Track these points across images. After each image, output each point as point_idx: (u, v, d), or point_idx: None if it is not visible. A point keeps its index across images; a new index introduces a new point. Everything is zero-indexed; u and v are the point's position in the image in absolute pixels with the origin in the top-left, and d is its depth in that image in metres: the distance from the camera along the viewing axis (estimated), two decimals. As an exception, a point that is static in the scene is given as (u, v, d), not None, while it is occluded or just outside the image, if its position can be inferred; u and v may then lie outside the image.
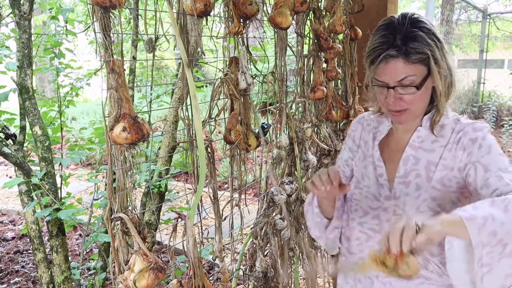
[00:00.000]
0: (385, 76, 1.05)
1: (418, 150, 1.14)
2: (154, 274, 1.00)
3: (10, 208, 4.57)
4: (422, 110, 1.12)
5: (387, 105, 1.09)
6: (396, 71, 1.02)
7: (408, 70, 1.02)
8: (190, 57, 1.28)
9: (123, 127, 0.99)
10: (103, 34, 0.98)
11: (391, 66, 1.03)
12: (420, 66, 1.03)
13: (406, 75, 1.02)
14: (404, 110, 1.08)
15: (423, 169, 1.11)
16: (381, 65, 1.04)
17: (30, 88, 1.93)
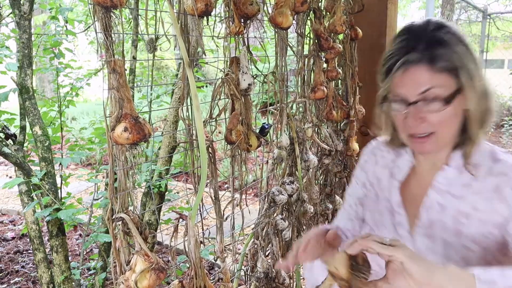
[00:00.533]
0: (403, 88, 0.85)
1: (444, 196, 0.91)
2: (155, 275, 1.00)
3: (10, 208, 4.57)
4: (450, 138, 0.89)
5: (406, 129, 0.88)
6: (418, 80, 0.83)
7: (433, 80, 0.82)
8: (190, 57, 1.28)
9: (125, 127, 0.99)
10: (104, 34, 0.98)
11: (412, 74, 0.83)
12: (448, 78, 0.83)
13: (431, 86, 0.82)
14: (429, 135, 0.86)
15: (451, 220, 0.89)
16: (399, 73, 0.84)
17: (30, 88, 1.93)
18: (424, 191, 0.94)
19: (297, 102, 1.80)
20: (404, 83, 0.85)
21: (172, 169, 2.63)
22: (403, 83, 0.85)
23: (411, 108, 0.85)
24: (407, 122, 0.87)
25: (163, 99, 2.76)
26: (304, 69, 1.79)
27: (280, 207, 1.65)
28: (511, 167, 0.86)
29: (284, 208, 1.69)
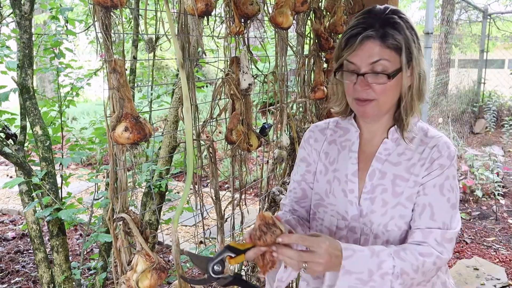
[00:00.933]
0: (357, 58, 1.00)
1: (384, 163, 1.07)
2: (156, 274, 1.00)
3: (11, 208, 4.57)
4: (388, 107, 1.05)
5: (353, 93, 1.03)
6: (371, 52, 0.98)
7: (382, 53, 0.98)
8: (191, 57, 1.28)
9: (125, 127, 0.99)
10: (104, 34, 0.98)
11: (366, 46, 0.98)
12: (394, 55, 0.99)
13: (380, 58, 0.98)
14: (371, 100, 1.01)
15: (390, 183, 1.05)
16: (356, 44, 0.99)
17: (31, 88, 1.93)
18: (368, 162, 1.10)
19: (297, 102, 1.80)
20: (358, 53, 0.99)
21: (173, 169, 2.63)
22: (357, 53, 0.99)
23: (360, 77, 1.00)
24: (356, 87, 1.01)
25: (163, 99, 2.77)
26: (304, 69, 1.79)
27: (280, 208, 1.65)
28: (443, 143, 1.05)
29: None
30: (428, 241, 0.99)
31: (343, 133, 1.17)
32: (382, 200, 1.05)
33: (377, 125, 1.10)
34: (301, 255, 0.91)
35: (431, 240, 0.99)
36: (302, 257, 0.91)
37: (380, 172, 1.07)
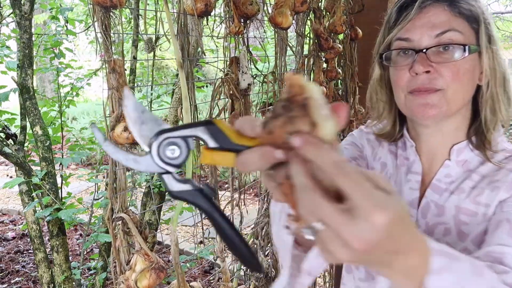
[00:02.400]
0: (416, 31, 0.71)
1: (443, 195, 0.75)
2: (155, 274, 1.00)
3: (11, 208, 4.58)
4: (459, 104, 0.72)
5: (409, 83, 0.72)
6: (434, 20, 0.70)
7: (451, 22, 0.69)
8: (190, 57, 1.28)
9: (124, 127, 0.99)
10: (103, 34, 0.98)
11: (429, 13, 0.70)
12: (468, 27, 0.71)
13: (449, 28, 0.69)
14: (436, 91, 0.70)
15: (452, 220, 0.73)
16: (412, 13, 0.71)
17: (31, 88, 1.93)
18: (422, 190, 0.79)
19: (297, 102, 1.80)
20: (417, 24, 0.71)
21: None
22: (415, 24, 0.71)
23: (420, 56, 0.70)
24: (414, 70, 0.70)
25: (163, 99, 2.77)
26: (303, 69, 1.79)
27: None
28: None
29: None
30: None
31: (403, 146, 0.84)
32: (446, 243, 0.64)
33: (438, 136, 0.78)
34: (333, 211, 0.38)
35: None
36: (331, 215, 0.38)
37: (437, 207, 0.75)
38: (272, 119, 0.41)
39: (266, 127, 0.42)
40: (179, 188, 0.44)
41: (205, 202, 0.45)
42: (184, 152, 0.44)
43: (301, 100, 0.40)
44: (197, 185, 0.45)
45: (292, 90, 0.41)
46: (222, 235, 0.45)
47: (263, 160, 0.41)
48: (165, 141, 0.43)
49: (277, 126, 0.41)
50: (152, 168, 0.44)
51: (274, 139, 0.41)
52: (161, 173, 0.44)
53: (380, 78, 0.82)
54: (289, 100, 0.41)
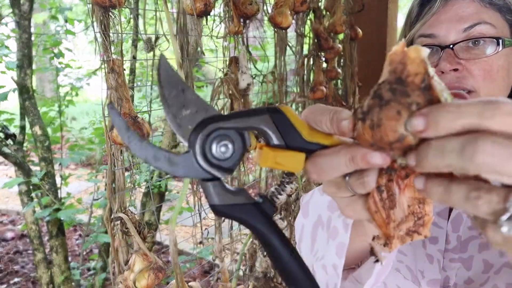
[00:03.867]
0: (441, 25, 0.63)
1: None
2: (154, 274, 1.00)
3: (10, 208, 4.57)
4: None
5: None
6: (462, 13, 0.62)
7: (481, 14, 0.62)
8: (189, 57, 1.27)
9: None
10: (102, 34, 0.98)
11: (455, 6, 0.63)
12: (501, 19, 0.63)
13: (478, 21, 0.61)
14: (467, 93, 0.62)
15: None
16: (437, 6, 0.64)
17: (30, 88, 1.93)
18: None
19: (296, 102, 1.79)
20: (441, 19, 0.63)
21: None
22: (440, 19, 0.63)
23: (446, 52, 0.62)
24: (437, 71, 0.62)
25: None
26: (303, 69, 1.79)
27: (279, 207, 1.65)
28: None
29: (282, 207, 1.69)
30: None
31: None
32: (483, 261, 0.62)
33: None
34: None
35: None
36: None
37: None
38: (376, 108, 0.29)
39: (367, 119, 0.30)
40: (227, 201, 0.33)
41: (262, 222, 0.33)
42: (238, 151, 0.32)
43: (419, 81, 0.29)
44: (252, 197, 0.34)
45: (402, 67, 0.29)
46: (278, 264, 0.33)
47: (353, 165, 0.31)
48: (213, 134, 0.31)
49: (388, 117, 0.29)
50: (193, 172, 0.32)
51: (379, 136, 0.29)
52: (206, 179, 0.32)
53: None
54: (401, 81, 0.29)
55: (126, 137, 0.32)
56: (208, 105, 0.32)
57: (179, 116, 0.32)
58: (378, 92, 0.30)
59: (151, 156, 0.32)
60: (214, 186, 0.32)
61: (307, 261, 0.59)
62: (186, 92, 0.32)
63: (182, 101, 0.32)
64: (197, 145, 0.31)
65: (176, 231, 1.24)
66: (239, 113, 0.32)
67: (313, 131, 0.33)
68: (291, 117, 0.32)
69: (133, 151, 0.32)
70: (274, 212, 0.34)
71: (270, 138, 0.32)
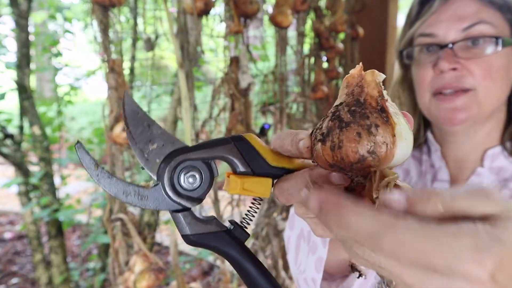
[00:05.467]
0: (440, 24, 0.63)
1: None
2: (154, 275, 0.99)
3: (9, 209, 4.56)
4: (492, 106, 0.64)
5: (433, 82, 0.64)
6: (461, 12, 0.62)
7: (481, 13, 0.61)
8: (190, 57, 1.27)
9: (123, 127, 0.98)
10: (102, 33, 0.97)
11: (455, 5, 0.62)
12: (501, 18, 0.62)
13: (478, 21, 0.61)
14: (465, 91, 0.62)
15: None
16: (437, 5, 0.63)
17: (29, 88, 1.92)
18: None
19: (297, 101, 1.79)
20: (441, 18, 0.63)
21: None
22: (440, 18, 0.63)
23: (445, 52, 0.61)
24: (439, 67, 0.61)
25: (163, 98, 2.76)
26: (304, 68, 1.78)
27: (280, 208, 1.65)
28: None
29: (284, 208, 1.68)
30: None
31: (428, 151, 0.75)
32: None
33: (468, 144, 0.68)
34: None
35: None
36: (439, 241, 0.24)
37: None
38: (336, 129, 0.30)
39: (327, 140, 0.30)
40: (199, 230, 0.33)
41: (234, 249, 0.33)
42: (206, 180, 0.33)
43: (376, 104, 0.30)
44: (224, 225, 0.34)
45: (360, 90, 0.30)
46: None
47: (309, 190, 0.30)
48: (180, 166, 0.32)
49: (348, 139, 0.29)
50: (163, 204, 0.32)
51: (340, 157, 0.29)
52: (176, 210, 0.33)
53: (402, 80, 0.73)
54: (359, 104, 0.30)
55: (95, 176, 0.33)
56: (175, 138, 0.33)
57: (147, 151, 0.33)
58: (336, 114, 0.31)
59: (121, 192, 0.33)
60: (185, 216, 0.33)
61: (293, 273, 0.60)
62: (152, 127, 0.33)
63: (149, 136, 0.33)
64: (165, 178, 0.32)
65: (176, 232, 1.23)
66: (204, 144, 0.33)
67: (279, 156, 0.33)
68: (255, 144, 0.33)
69: (103, 188, 0.33)
70: (246, 237, 0.34)
71: (236, 166, 0.33)
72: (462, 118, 0.63)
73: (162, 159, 0.32)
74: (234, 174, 0.33)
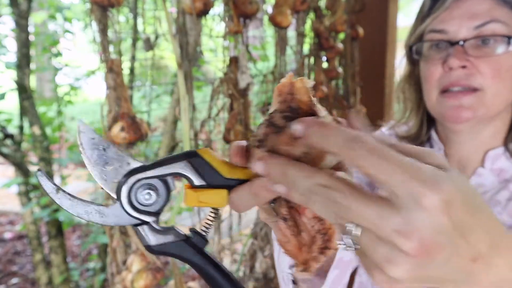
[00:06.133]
0: (452, 21, 0.62)
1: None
2: (152, 275, 0.99)
3: (9, 209, 4.56)
4: (499, 107, 0.63)
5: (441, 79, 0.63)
6: (474, 9, 0.61)
7: (494, 11, 0.61)
8: (189, 57, 1.27)
9: (122, 126, 0.98)
10: (101, 33, 0.97)
11: (467, 2, 0.62)
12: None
13: (490, 19, 0.61)
14: (472, 91, 0.61)
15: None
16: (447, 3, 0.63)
17: (29, 88, 1.92)
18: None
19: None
20: (453, 14, 0.62)
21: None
22: (452, 14, 0.62)
23: (456, 49, 0.61)
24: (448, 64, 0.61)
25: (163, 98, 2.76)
26: (304, 68, 1.78)
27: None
28: None
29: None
30: None
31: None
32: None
33: (472, 144, 0.68)
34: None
35: None
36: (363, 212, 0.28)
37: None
38: (271, 135, 0.32)
39: (264, 146, 0.32)
40: (159, 241, 0.36)
41: (195, 255, 0.36)
42: (163, 195, 0.35)
43: (307, 108, 0.32)
44: (183, 234, 0.37)
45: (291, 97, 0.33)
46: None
47: (258, 198, 0.33)
48: (137, 184, 0.34)
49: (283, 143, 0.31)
50: (123, 220, 0.35)
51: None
52: (136, 224, 0.35)
53: (409, 75, 0.73)
54: (291, 109, 0.32)
55: (57, 199, 0.35)
56: (131, 158, 0.36)
57: (105, 172, 0.35)
58: (271, 120, 0.33)
59: (83, 211, 0.35)
60: (144, 229, 0.36)
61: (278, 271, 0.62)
62: (107, 150, 0.35)
63: (105, 159, 0.35)
64: (123, 196, 0.35)
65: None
66: (160, 162, 0.35)
67: (233, 168, 0.35)
68: (209, 159, 0.35)
69: (66, 209, 0.35)
70: (205, 244, 0.37)
71: (191, 180, 0.35)
72: (467, 116, 0.62)
73: (119, 179, 0.35)
74: (190, 187, 0.35)
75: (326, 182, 0.28)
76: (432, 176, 0.26)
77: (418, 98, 0.73)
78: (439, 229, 0.26)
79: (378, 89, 2.07)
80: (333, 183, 0.28)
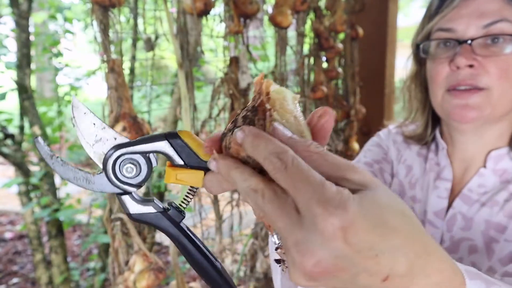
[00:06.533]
0: (461, 20, 0.62)
1: (473, 206, 0.65)
2: (154, 275, 0.99)
3: (9, 209, 4.56)
4: (506, 108, 0.63)
5: (448, 79, 0.63)
6: (483, 8, 0.61)
7: (504, 10, 0.60)
8: (189, 57, 1.27)
9: (123, 126, 0.98)
10: (102, 33, 0.97)
11: (476, 1, 0.62)
12: None
13: (500, 18, 0.60)
14: (479, 90, 0.61)
15: (480, 237, 0.63)
16: (456, 2, 0.62)
17: (29, 88, 1.92)
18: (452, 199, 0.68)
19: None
20: (462, 13, 0.62)
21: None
22: (460, 13, 0.62)
23: (464, 48, 0.61)
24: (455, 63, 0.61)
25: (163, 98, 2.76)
26: (304, 68, 1.78)
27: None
28: None
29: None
30: None
31: (435, 150, 0.75)
32: (471, 263, 0.61)
33: (476, 144, 0.67)
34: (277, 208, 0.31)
35: None
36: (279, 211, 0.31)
37: (464, 219, 0.65)
38: (229, 132, 0.34)
39: (223, 140, 0.35)
40: (139, 210, 0.39)
41: (171, 226, 0.39)
42: (144, 170, 0.39)
43: (265, 111, 0.33)
44: (161, 206, 0.40)
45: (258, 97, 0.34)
46: (190, 261, 0.39)
47: (225, 186, 0.35)
48: (122, 158, 0.38)
49: (234, 142, 0.33)
50: (107, 188, 0.39)
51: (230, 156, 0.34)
52: (119, 193, 0.39)
53: (416, 74, 0.73)
54: (254, 110, 0.34)
55: (51, 164, 0.39)
56: (118, 134, 0.39)
57: (94, 145, 0.39)
58: (236, 117, 0.35)
59: (72, 176, 0.39)
60: (126, 198, 0.39)
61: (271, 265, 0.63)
62: (97, 125, 0.39)
63: (95, 133, 0.39)
64: (108, 167, 0.38)
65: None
66: (143, 139, 0.38)
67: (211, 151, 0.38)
68: (189, 140, 0.38)
69: (58, 173, 0.40)
70: (182, 218, 0.40)
71: (172, 159, 0.38)
72: (473, 116, 0.62)
73: (106, 151, 0.38)
74: (170, 165, 0.38)
75: (255, 186, 0.30)
76: (335, 198, 0.27)
77: (424, 98, 0.72)
78: (335, 253, 0.27)
79: (378, 89, 2.08)
80: (261, 188, 0.30)
